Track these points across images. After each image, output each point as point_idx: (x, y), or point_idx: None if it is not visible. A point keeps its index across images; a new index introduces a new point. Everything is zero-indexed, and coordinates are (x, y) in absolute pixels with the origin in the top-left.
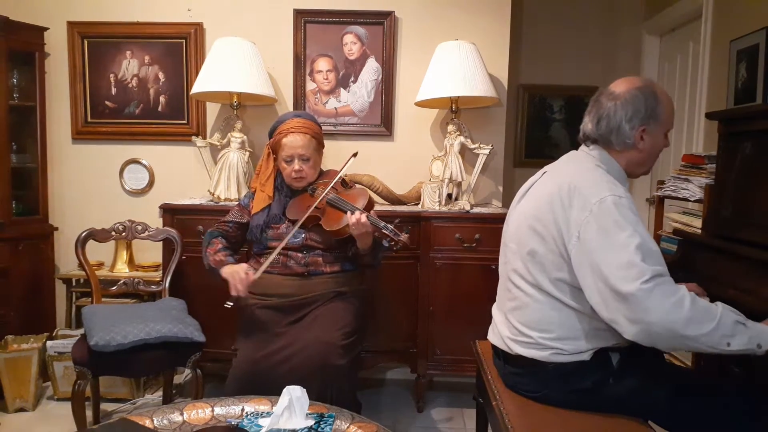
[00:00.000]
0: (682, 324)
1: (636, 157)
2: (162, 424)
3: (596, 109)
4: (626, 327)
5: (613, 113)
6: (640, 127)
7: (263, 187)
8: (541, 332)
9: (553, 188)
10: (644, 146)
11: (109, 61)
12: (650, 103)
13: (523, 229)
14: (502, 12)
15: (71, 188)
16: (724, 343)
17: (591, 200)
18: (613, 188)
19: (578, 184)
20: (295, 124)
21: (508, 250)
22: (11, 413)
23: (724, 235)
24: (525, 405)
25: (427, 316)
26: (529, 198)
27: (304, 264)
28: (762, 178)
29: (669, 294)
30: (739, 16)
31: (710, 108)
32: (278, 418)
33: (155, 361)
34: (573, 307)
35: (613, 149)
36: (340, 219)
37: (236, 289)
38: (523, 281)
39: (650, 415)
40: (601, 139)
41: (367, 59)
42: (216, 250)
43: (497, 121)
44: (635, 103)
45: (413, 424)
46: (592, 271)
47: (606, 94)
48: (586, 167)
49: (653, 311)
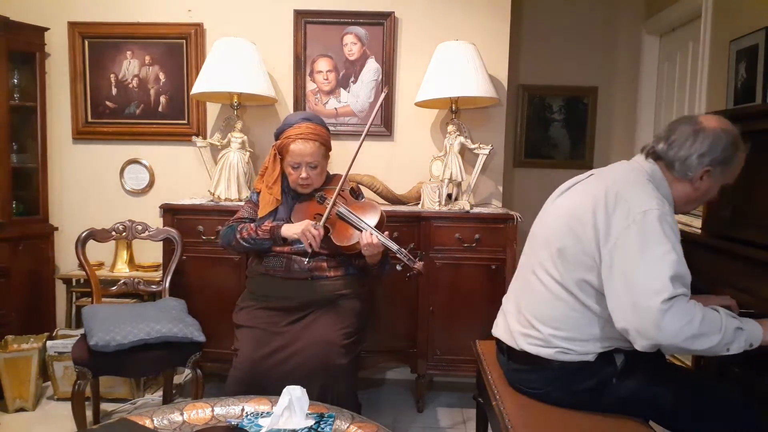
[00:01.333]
0: (690, 341)
1: (688, 193)
2: (162, 424)
3: (674, 131)
4: (636, 339)
5: (691, 143)
6: (707, 167)
7: (270, 190)
8: (553, 329)
9: (598, 191)
10: (700, 186)
11: (110, 61)
12: (728, 151)
13: (560, 224)
14: (502, 12)
15: (71, 188)
16: (725, 349)
17: (636, 210)
18: (660, 204)
19: (626, 192)
20: (303, 130)
21: (536, 242)
22: (11, 413)
23: (723, 235)
24: (525, 405)
25: (427, 316)
26: (570, 195)
27: (309, 269)
28: (762, 178)
29: (683, 314)
30: (739, 16)
31: (710, 108)
32: (278, 418)
33: (155, 361)
34: (593, 310)
35: (671, 174)
36: (351, 236)
37: (313, 243)
38: (547, 276)
39: (651, 415)
40: (666, 159)
41: (367, 59)
42: (255, 227)
43: (497, 121)
44: (715, 143)
45: (413, 424)
46: (623, 277)
47: (692, 122)
48: (636, 178)
49: (664, 330)
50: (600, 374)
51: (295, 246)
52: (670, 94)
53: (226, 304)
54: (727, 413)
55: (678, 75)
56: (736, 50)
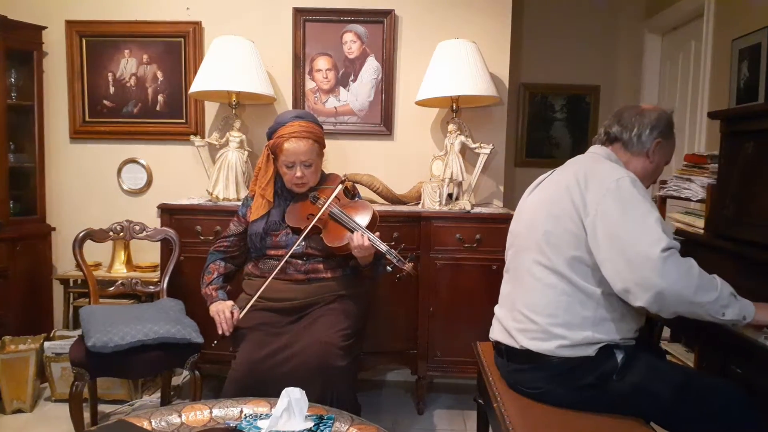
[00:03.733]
0: (692, 291)
1: (645, 167)
2: (160, 426)
3: (621, 115)
4: (639, 294)
5: (640, 120)
6: (657, 138)
7: (263, 191)
8: (547, 317)
9: (567, 177)
10: (654, 159)
11: (108, 60)
12: (670, 126)
13: (539, 213)
14: (503, 10)
15: (69, 188)
16: (721, 312)
17: (607, 180)
18: (627, 173)
19: (593, 170)
20: (296, 128)
21: (518, 239)
22: (8, 414)
23: (726, 235)
24: (526, 406)
25: (427, 317)
26: (541, 189)
27: (304, 271)
28: (765, 177)
29: (681, 263)
30: (741, 15)
31: (712, 107)
32: (277, 420)
33: (153, 363)
34: (584, 290)
35: (628, 151)
36: (342, 236)
37: (221, 328)
38: (537, 266)
39: (651, 414)
40: (622, 139)
41: (367, 58)
42: (210, 280)
43: (498, 120)
44: (659, 118)
45: (413, 426)
46: (610, 241)
47: (635, 107)
48: (595, 160)
49: (667, 277)
50: (600, 370)
51: (289, 246)
52: (672, 93)
53: None
54: (728, 413)
55: (680, 74)
56: (738, 49)
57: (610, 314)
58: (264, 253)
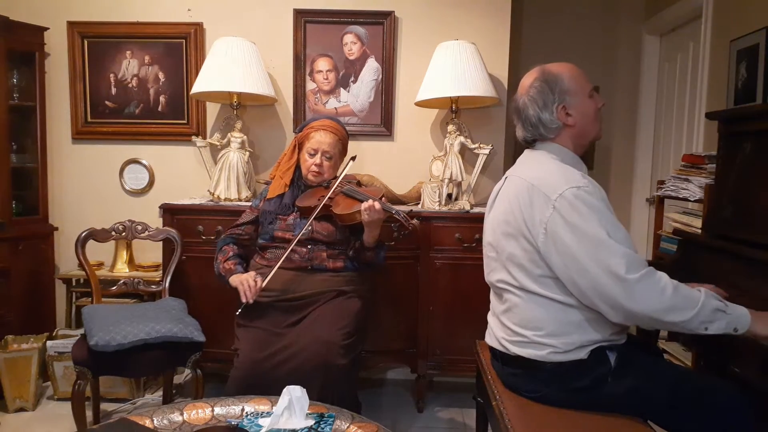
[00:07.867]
0: (663, 312)
1: (573, 132)
2: (162, 424)
3: (517, 115)
4: (608, 312)
5: (530, 112)
6: (556, 105)
7: (283, 175)
8: (533, 330)
9: (514, 190)
10: (574, 120)
11: (109, 61)
12: (552, 85)
13: (498, 235)
14: (502, 12)
15: (71, 188)
16: (703, 328)
17: (551, 197)
18: (570, 179)
19: (536, 182)
20: (327, 123)
21: (489, 259)
22: (11, 413)
23: (724, 235)
24: (525, 405)
25: (427, 316)
26: (497, 205)
27: (308, 258)
28: (762, 178)
29: (653, 284)
30: (740, 16)
31: (710, 108)
32: (278, 418)
33: (155, 361)
34: (560, 300)
35: (549, 136)
36: (353, 205)
37: (246, 296)
38: (509, 285)
39: (649, 414)
40: (537, 134)
41: (367, 59)
42: (226, 258)
43: (497, 120)
44: (540, 93)
45: (413, 424)
46: (567, 265)
47: (516, 98)
48: (539, 162)
49: (637, 301)
50: (595, 373)
51: (297, 228)
52: (670, 94)
53: (226, 304)
54: (726, 414)
55: (678, 75)
56: (736, 50)
57: (594, 314)
58: (271, 236)
